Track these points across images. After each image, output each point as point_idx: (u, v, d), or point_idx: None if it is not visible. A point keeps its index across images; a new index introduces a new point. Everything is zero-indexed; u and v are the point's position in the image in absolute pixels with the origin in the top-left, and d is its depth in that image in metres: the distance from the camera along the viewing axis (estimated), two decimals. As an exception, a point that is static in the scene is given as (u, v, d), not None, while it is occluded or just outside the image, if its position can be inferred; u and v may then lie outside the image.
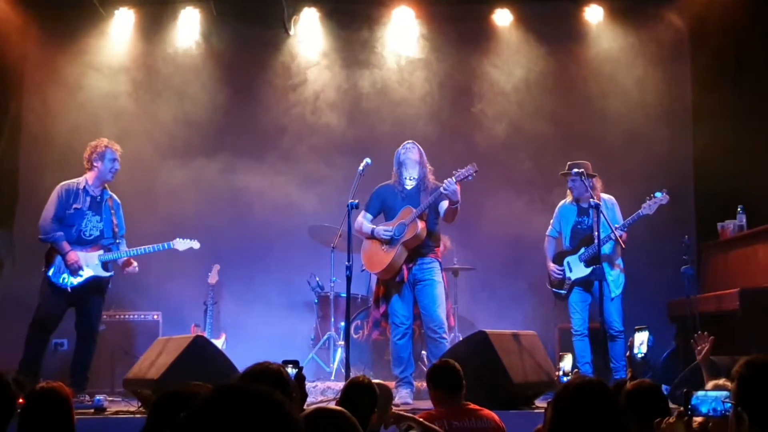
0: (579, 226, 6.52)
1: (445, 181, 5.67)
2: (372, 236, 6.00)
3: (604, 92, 8.44)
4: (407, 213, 5.90)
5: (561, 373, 4.39)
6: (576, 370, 5.31)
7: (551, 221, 6.74)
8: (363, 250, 6.10)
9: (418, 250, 5.92)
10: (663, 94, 8.34)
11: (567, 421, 2.22)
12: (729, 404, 2.42)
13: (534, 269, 7.73)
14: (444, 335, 5.87)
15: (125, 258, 6.18)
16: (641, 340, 4.08)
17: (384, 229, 5.92)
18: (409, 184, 6.03)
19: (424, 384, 6.31)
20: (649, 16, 8.34)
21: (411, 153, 6.01)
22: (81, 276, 5.96)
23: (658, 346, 7.22)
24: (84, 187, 6.09)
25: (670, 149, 8.20)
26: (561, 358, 4.47)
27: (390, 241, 5.90)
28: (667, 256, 7.17)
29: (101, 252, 6.07)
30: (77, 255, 5.94)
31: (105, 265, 6.08)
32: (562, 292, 6.56)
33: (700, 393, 2.57)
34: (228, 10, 8.28)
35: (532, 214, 7.66)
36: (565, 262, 6.54)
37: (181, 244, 6.36)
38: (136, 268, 6.22)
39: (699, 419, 2.69)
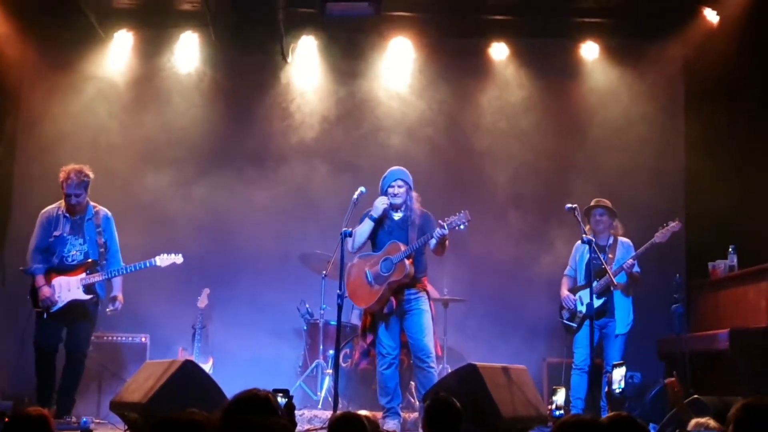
0: (593, 262, 6.55)
1: (437, 230, 5.71)
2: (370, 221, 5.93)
3: (598, 128, 8.53)
4: (394, 249, 5.88)
5: (554, 406, 4.39)
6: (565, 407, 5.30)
7: (569, 260, 6.83)
8: (348, 279, 6.03)
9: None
10: (656, 129, 8.44)
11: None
12: (722, 446, 2.44)
13: (524, 302, 7.76)
14: (432, 364, 5.87)
15: (109, 281, 6.16)
16: (619, 376, 4.09)
17: (380, 203, 5.86)
18: (396, 216, 6.04)
19: (412, 415, 6.34)
20: (644, 54, 8.47)
21: (398, 190, 5.97)
22: (61, 302, 5.99)
23: (647, 383, 7.24)
24: (62, 212, 6.09)
25: (661, 187, 8.28)
26: (554, 392, 4.47)
27: (377, 277, 5.90)
28: (657, 294, 7.20)
29: (83, 275, 6.05)
30: (50, 290, 5.95)
31: (87, 288, 6.03)
32: (574, 324, 6.62)
33: (693, 432, 2.58)
34: (227, 36, 8.32)
35: (524, 247, 7.70)
36: (577, 296, 6.62)
37: (163, 260, 6.31)
38: (119, 307, 6.18)
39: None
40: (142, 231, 7.45)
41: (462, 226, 5.73)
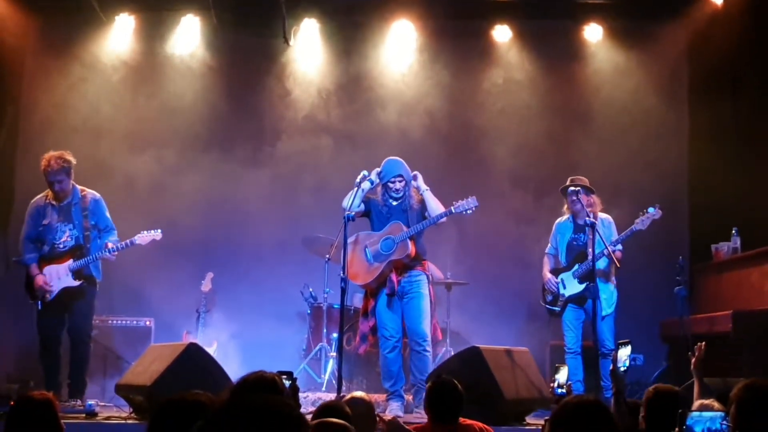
0: (574, 243, 6.57)
1: (444, 210, 5.78)
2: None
3: (601, 110, 8.51)
4: (396, 229, 5.92)
5: (555, 384, 4.42)
6: (570, 383, 5.33)
7: (550, 239, 6.77)
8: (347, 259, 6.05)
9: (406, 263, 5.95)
10: (659, 113, 8.41)
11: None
12: (726, 426, 2.46)
13: (527, 285, 7.76)
14: (427, 348, 5.92)
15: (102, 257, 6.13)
16: (625, 355, 4.11)
17: (372, 175, 5.93)
18: (394, 203, 6.06)
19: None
20: (648, 36, 8.42)
21: (398, 185, 5.98)
22: (54, 290, 6.03)
23: (650, 365, 7.28)
24: (49, 200, 6.12)
25: (665, 169, 8.26)
26: (557, 370, 4.50)
27: (376, 256, 5.92)
28: (660, 277, 7.21)
29: (70, 262, 6.07)
30: (44, 279, 6.01)
31: (76, 274, 6.06)
32: (556, 309, 6.58)
33: (695, 413, 2.60)
34: (228, 19, 8.31)
35: (527, 230, 7.70)
36: (559, 279, 6.57)
37: (142, 238, 6.30)
38: (112, 256, 6.14)
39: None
40: (144, 215, 7.42)
41: (469, 212, 5.77)
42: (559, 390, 4.37)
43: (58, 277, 6.02)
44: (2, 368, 6.06)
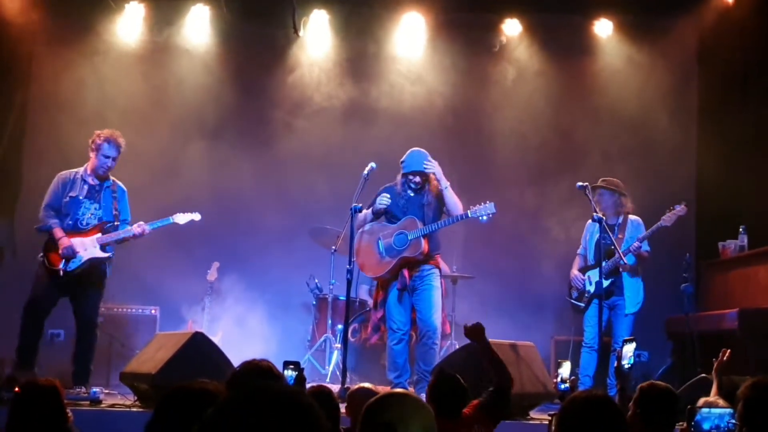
0: (602, 242, 6.53)
1: (468, 210, 5.78)
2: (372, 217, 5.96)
3: (610, 106, 8.48)
4: (411, 225, 5.90)
5: (559, 379, 4.39)
6: (574, 377, 5.31)
7: (581, 240, 6.81)
8: (357, 245, 6.06)
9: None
10: (668, 109, 8.37)
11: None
12: (733, 424, 2.45)
13: (533, 280, 7.76)
14: (436, 341, 5.90)
15: (128, 236, 6.06)
16: (629, 352, 4.09)
17: (383, 200, 5.93)
18: (412, 194, 6.04)
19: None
20: (659, 31, 8.38)
21: (417, 180, 5.95)
22: (77, 261, 5.91)
23: (655, 362, 7.26)
24: (82, 175, 6.07)
25: (673, 165, 8.24)
26: (559, 365, 4.48)
27: (389, 249, 5.91)
28: (667, 274, 7.19)
29: (99, 234, 6.02)
30: (70, 241, 5.90)
31: (103, 247, 6.03)
32: (581, 304, 6.60)
33: (704, 410, 2.59)
34: (238, 9, 8.30)
35: (535, 225, 7.68)
36: (586, 276, 6.60)
37: (181, 218, 6.29)
38: (146, 230, 6.05)
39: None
40: (151, 202, 7.41)
41: (485, 217, 5.75)
42: (563, 385, 4.35)
43: (84, 248, 5.93)
44: (10, 355, 6.02)
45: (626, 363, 4.02)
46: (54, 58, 8.12)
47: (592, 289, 6.51)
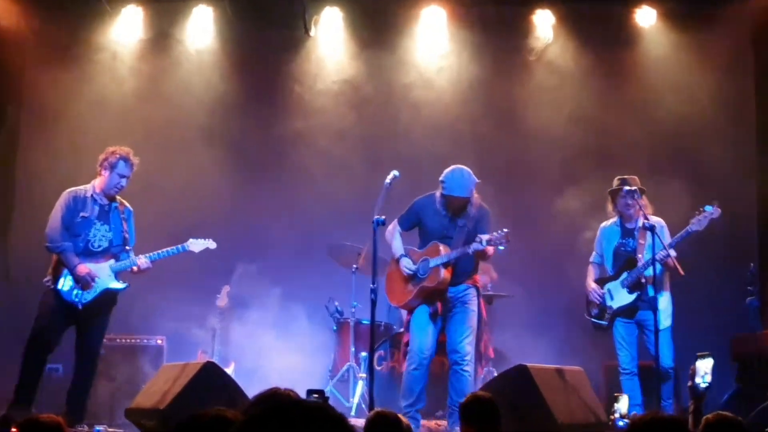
0: (622, 249, 6.46)
1: (473, 243, 5.69)
2: (397, 261, 6.00)
3: (655, 102, 8.43)
4: (434, 251, 5.87)
5: (617, 415, 4.34)
6: (634, 413, 5.24)
7: (594, 246, 6.68)
8: (389, 270, 6.12)
9: (453, 280, 5.90)
10: (721, 104, 8.31)
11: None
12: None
13: (576, 299, 7.65)
14: (466, 368, 5.86)
15: (132, 267, 6.11)
16: (705, 368, 4.02)
17: (407, 266, 5.93)
18: (450, 213, 6.01)
19: (435, 423, 6.32)
20: (707, 19, 8.32)
21: (461, 192, 5.88)
22: (95, 290, 5.94)
23: (718, 387, 7.12)
24: (92, 194, 6.11)
25: (728, 166, 8.14)
26: (616, 399, 4.43)
27: (413, 277, 5.91)
28: (729, 286, 7.08)
29: (112, 262, 6.06)
30: (88, 267, 5.92)
31: (117, 276, 6.06)
32: (603, 323, 6.47)
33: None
34: (244, 9, 8.37)
35: (577, 234, 7.58)
36: (605, 290, 6.46)
37: (195, 245, 6.34)
38: (150, 264, 6.13)
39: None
40: (153, 224, 7.45)
41: (501, 247, 5.70)
42: (621, 422, 4.30)
43: (98, 276, 5.98)
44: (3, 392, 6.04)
45: (701, 381, 3.95)
46: (46, 67, 8.18)
47: (614, 304, 6.38)
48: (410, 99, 8.58)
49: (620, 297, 6.38)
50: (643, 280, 6.23)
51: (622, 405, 4.34)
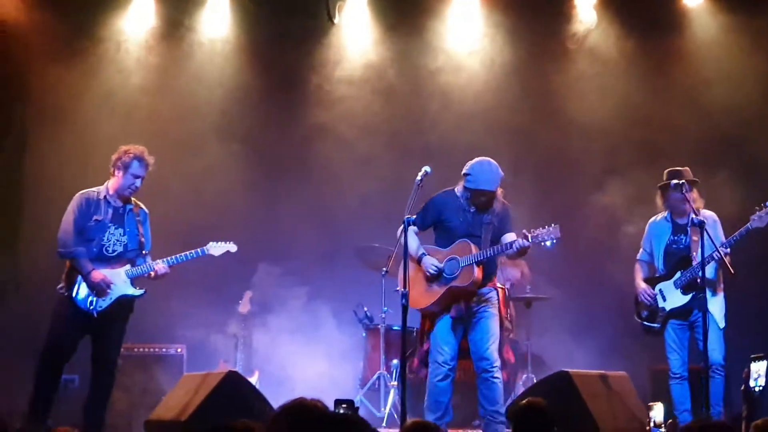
0: (674, 246, 6.33)
1: (519, 240, 5.54)
2: (418, 261, 5.81)
3: (703, 88, 8.27)
4: (464, 249, 5.74)
5: (652, 425, 4.23)
6: (670, 420, 5.12)
7: (642, 243, 6.54)
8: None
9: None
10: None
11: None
12: None
13: (618, 300, 7.52)
14: (497, 375, 5.75)
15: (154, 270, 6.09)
16: (759, 371, 3.84)
17: (433, 264, 5.77)
18: (473, 209, 5.85)
19: None
20: (760, -1, 8.21)
21: (487, 186, 5.70)
22: (110, 297, 5.91)
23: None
24: (105, 196, 6.09)
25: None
26: (650, 408, 4.32)
27: (438, 277, 5.74)
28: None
29: (128, 267, 6.03)
30: (103, 274, 5.90)
31: (133, 282, 6.03)
32: (655, 326, 6.33)
33: None
34: (262, -3, 8.36)
35: (620, 231, 7.50)
36: (657, 290, 6.33)
37: (216, 249, 6.29)
38: (168, 269, 6.06)
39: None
40: (166, 228, 7.37)
41: (549, 243, 5.55)
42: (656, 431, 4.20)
43: (114, 282, 5.94)
44: (17, 404, 6.02)
45: (755, 384, 3.78)
46: (53, 65, 8.16)
47: (666, 306, 6.25)
48: (439, 87, 8.53)
49: (674, 298, 6.24)
50: (699, 280, 6.03)
51: (657, 413, 4.24)
